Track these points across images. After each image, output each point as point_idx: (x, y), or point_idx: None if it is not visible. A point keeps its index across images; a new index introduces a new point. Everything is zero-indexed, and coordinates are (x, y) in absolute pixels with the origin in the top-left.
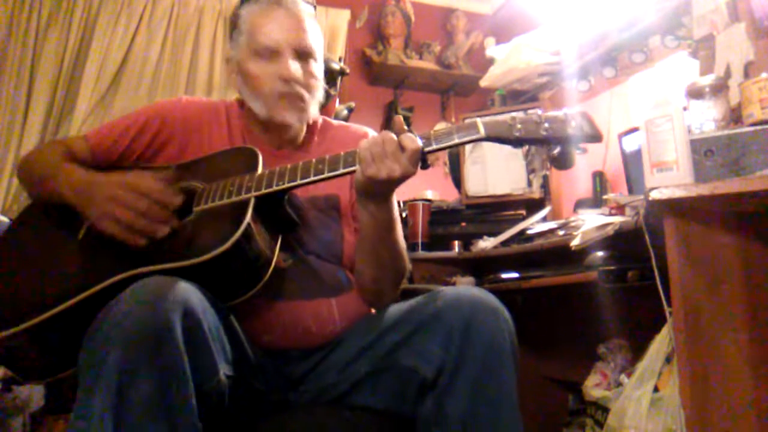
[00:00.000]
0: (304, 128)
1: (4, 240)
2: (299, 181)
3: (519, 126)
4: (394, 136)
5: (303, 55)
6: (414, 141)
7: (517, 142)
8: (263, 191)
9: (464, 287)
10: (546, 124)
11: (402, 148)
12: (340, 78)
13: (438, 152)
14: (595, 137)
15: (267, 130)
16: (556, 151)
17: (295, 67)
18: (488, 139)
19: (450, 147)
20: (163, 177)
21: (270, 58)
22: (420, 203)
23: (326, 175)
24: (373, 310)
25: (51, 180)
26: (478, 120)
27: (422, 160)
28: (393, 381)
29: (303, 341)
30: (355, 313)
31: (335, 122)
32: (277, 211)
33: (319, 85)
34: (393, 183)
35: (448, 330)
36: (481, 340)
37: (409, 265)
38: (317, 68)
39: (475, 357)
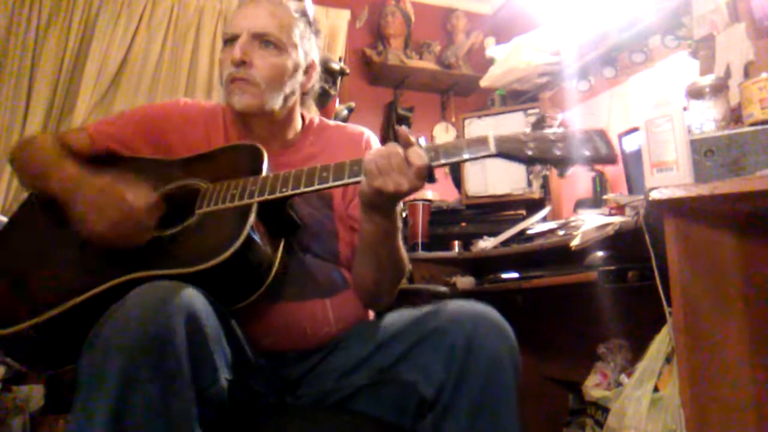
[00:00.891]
0: (297, 126)
1: (5, 234)
2: (303, 189)
3: (532, 145)
4: (401, 150)
5: (262, 41)
6: (421, 157)
7: (529, 161)
8: (266, 197)
9: (467, 302)
10: (561, 144)
11: (409, 163)
12: (340, 78)
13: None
14: (611, 159)
15: (249, 126)
16: (569, 171)
17: (245, 49)
18: (499, 156)
19: (459, 163)
20: (159, 177)
21: (229, 45)
22: (420, 203)
23: (331, 183)
24: (371, 313)
25: (44, 174)
26: (490, 135)
27: (429, 174)
28: (393, 394)
29: (298, 343)
30: (351, 314)
31: (332, 122)
32: (279, 214)
33: (287, 78)
34: (400, 196)
35: (450, 346)
36: (483, 357)
37: (408, 266)
38: (284, 59)
39: (476, 375)
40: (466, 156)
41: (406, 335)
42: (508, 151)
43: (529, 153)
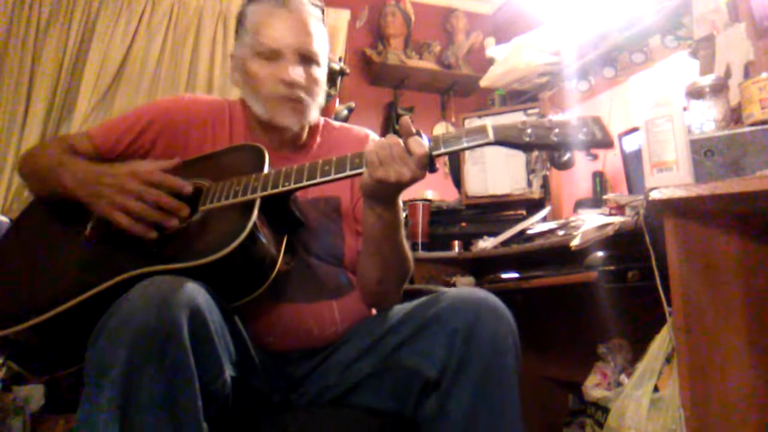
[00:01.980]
0: (306, 129)
1: (9, 237)
2: (305, 182)
3: (529, 131)
4: (401, 140)
5: (305, 59)
6: (422, 145)
7: (526, 148)
8: (269, 192)
9: (467, 288)
10: (557, 130)
11: (410, 152)
12: (340, 78)
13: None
14: (607, 143)
15: (267, 130)
16: (566, 157)
17: (296, 70)
18: (497, 143)
19: (458, 151)
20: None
21: (271, 60)
22: (420, 203)
23: (333, 176)
24: (374, 312)
25: (55, 173)
26: (488, 124)
27: (430, 163)
28: (395, 382)
29: (304, 343)
30: (357, 314)
31: (337, 123)
32: (282, 211)
33: (321, 89)
34: (402, 186)
35: (451, 331)
36: (484, 341)
37: (412, 266)
38: (320, 72)
39: (478, 358)
40: (465, 144)
41: (408, 323)
42: (507, 138)
43: (527, 139)
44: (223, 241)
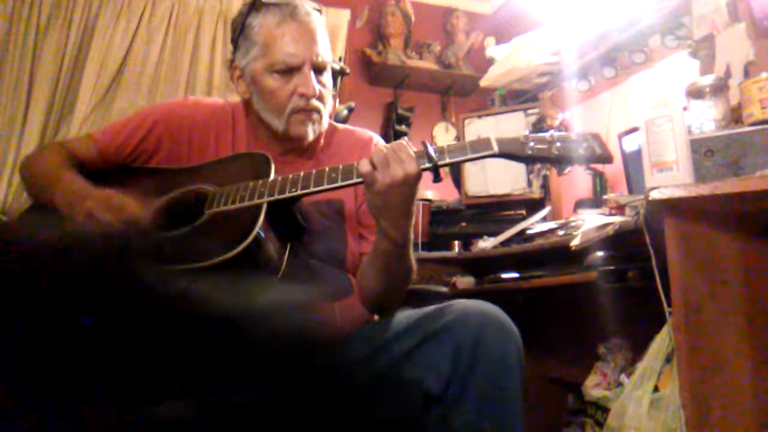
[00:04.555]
0: None
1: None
2: (312, 189)
3: (531, 144)
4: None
5: (318, 69)
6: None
7: (528, 160)
8: (276, 197)
9: (473, 301)
10: (558, 144)
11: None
12: (340, 78)
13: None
14: (606, 159)
15: (273, 136)
16: (567, 170)
17: (313, 83)
18: (501, 155)
19: (463, 162)
20: (167, 185)
21: (288, 74)
22: (420, 203)
23: (339, 183)
24: (375, 316)
25: (48, 188)
26: (492, 137)
27: (435, 173)
28: (397, 392)
29: None
30: (358, 317)
31: (340, 126)
32: (287, 217)
33: (331, 94)
34: (410, 181)
35: (457, 345)
36: (489, 356)
37: (416, 275)
38: (329, 78)
39: (483, 373)
40: (470, 155)
41: (412, 335)
42: (510, 151)
43: (529, 152)
44: (228, 244)
